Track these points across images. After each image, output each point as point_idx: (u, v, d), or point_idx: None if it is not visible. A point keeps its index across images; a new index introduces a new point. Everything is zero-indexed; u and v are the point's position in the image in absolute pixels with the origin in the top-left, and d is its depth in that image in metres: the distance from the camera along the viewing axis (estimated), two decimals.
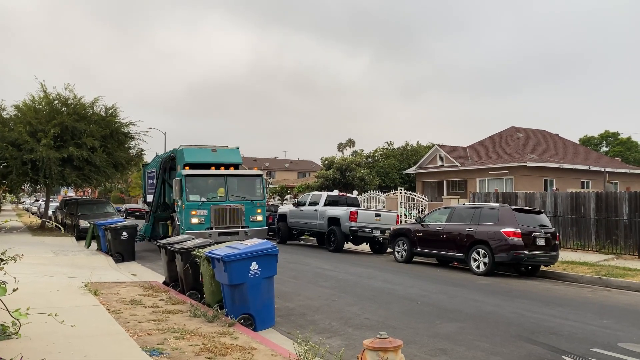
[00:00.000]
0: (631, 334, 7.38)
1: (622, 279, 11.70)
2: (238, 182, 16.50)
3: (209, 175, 16.16)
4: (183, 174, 15.65)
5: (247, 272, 7.03)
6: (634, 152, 58.91)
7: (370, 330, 7.14)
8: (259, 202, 16.41)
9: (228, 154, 17.32)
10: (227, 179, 16.18)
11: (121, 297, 8.68)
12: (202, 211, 15.35)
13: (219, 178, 16.16)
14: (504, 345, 6.67)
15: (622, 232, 15.96)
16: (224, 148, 17.52)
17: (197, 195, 15.64)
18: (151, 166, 21.32)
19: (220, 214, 15.59)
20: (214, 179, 16.20)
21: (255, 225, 16.14)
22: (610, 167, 35.78)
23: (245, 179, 16.83)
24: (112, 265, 13.65)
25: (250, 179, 16.88)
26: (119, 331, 6.40)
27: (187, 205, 15.29)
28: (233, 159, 17.19)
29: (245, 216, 15.95)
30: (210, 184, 16.16)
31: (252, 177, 16.97)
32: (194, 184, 15.80)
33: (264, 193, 16.89)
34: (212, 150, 17.03)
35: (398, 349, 3.66)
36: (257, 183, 16.77)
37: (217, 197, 15.85)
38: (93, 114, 24.17)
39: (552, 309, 9.04)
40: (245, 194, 16.33)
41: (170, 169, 17.88)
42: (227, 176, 16.23)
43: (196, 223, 15.20)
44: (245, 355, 5.52)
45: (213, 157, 16.77)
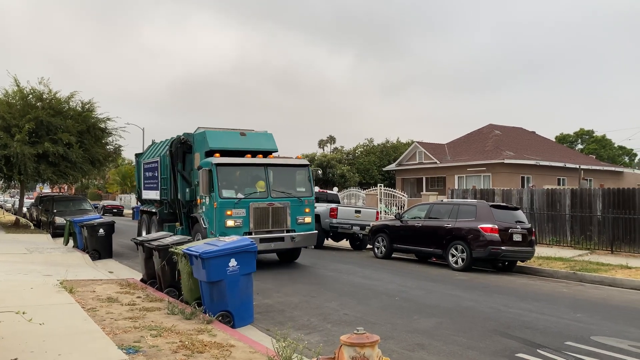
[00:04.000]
0: (603, 327, 7.54)
1: (595, 273, 11.95)
2: (281, 173, 13.33)
3: (246, 164, 12.90)
4: (213, 162, 12.26)
5: (226, 269, 6.99)
6: (608, 150, 60.14)
7: (349, 326, 7.16)
8: (307, 200, 13.13)
9: (260, 139, 14.30)
10: (267, 170, 12.86)
11: (97, 294, 8.56)
12: (239, 211, 12.07)
13: (258, 168, 12.91)
14: (481, 339, 6.76)
15: (596, 227, 16.29)
16: (253, 132, 14.52)
17: (231, 190, 12.45)
18: (149, 155, 17.59)
19: (261, 214, 12.32)
20: (251, 170, 13.05)
21: (303, 228, 12.90)
22: (585, 165, 36.49)
23: (291, 169, 13.60)
24: (89, 262, 13.46)
25: (296, 170, 13.68)
26: (95, 329, 6.31)
27: (220, 204, 11.99)
28: (267, 145, 14.15)
29: (291, 217, 12.71)
30: (246, 176, 13.08)
31: (299, 167, 13.67)
32: (227, 175, 12.55)
33: (312, 188, 13.62)
34: (241, 134, 13.94)
35: (375, 344, 3.67)
36: (304, 175, 13.59)
37: (256, 192, 12.57)
38: (69, 109, 23.72)
39: (528, 303, 9.19)
40: (290, 189, 13.13)
41: (184, 156, 14.54)
42: (268, 166, 12.91)
43: (232, 226, 11.94)
44: (223, 352, 5.49)
45: (242, 143, 13.70)
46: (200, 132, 13.91)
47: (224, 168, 12.42)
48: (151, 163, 16.89)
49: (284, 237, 12.53)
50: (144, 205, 17.98)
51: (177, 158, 14.29)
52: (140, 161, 18.70)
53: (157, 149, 16.68)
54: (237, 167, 12.84)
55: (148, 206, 17.34)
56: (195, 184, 13.37)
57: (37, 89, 23.31)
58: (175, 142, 14.33)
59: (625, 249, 15.34)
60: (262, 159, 13.08)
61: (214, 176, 12.13)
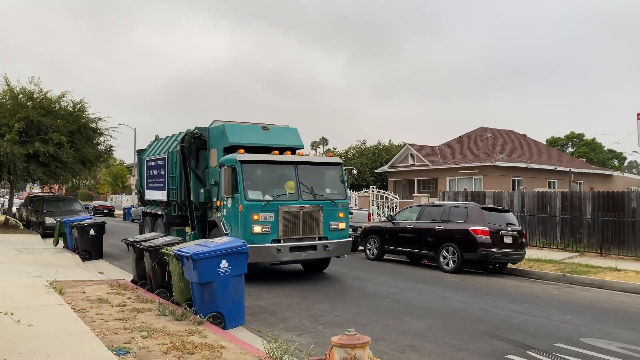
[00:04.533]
0: (593, 329, 7.60)
1: (584, 276, 12.03)
2: (311, 173, 11.73)
3: (275, 161, 11.47)
4: (238, 159, 10.83)
5: (217, 270, 6.97)
6: (598, 153, 60.58)
7: (341, 328, 7.16)
8: (341, 203, 11.59)
9: (284, 134, 12.83)
10: (297, 168, 11.38)
11: (87, 295, 8.50)
12: (266, 215, 10.62)
13: (287, 167, 11.44)
14: (471, 341, 6.79)
15: (586, 230, 16.41)
16: (275, 126, 13.10)
17: (257, 191, 10.96)
18: (154, 151, 16.11)
19: (291, 219, 10.83)
20: (279, 168, 11.58)
21: (337, 235, 11.40)
22: (575, 168, 36.76)
23: (322, 169, 12.23)
24: (79, 263, 13.36)
25: (328, 169, 12.24)
26: (84, 330, 6.27)
27: (246, 207, 10.54)
28: (292, 142, 12.68)
29: (324, 223, 11.20)
30: (272, 176, 11.63)
31: (331, 165, 12.20)
32: (253, 174, 11.11)
33: (346, 190, 12.11)
34: (263, 128, 12.48)
35: (366, 346, 3.68)
36: (336, 175, 12.09)
37: (286, 194, 11.09)
38: (60, 108, 23.55)
39: (518, 305, 9.24)
40: (321, 191, 11.66)
41: (197, 153, 13.04)
42: (298, 164, 11.45)
43: (259, 233, 10.51)
44: (214, 353, 5.48)
45: (265, 138, 12.26)
46: (218, 126, 12.42)
47: (250, 166, 10.99)
48: (156, 160, 15.43)
49: (316, 246, 11.04)
50: (147, 206, 16.63)
51: (190, 155, 12.82)
52: (143, 158, 17.13)
53: (163, 145, 15.35)
54: (264, 165, 11.36)
55: (152, 207, 15.97)
56: (212, 183, 12.15)
57: (27, 89, 23.14)
58: (188, 137, 12.81)
59: (615, 251, 15.47)
60: (291, 156, 11.87)
61: (238, 175, 10.73)
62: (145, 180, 16.59)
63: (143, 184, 16.89)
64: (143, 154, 17.26)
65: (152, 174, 15.90)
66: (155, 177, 15.60)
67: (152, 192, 15.85)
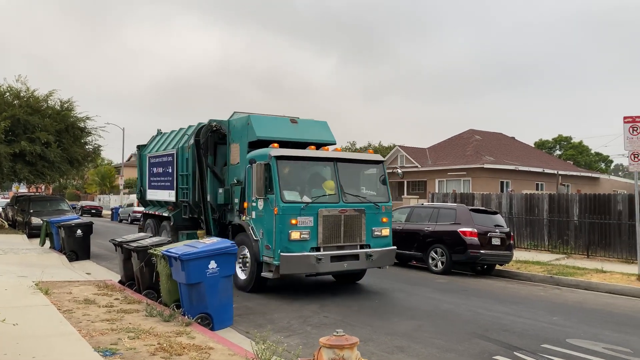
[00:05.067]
0: (579, 330, 7.67)
1: (571, 277, 12.14)
2: (350, 171, 10.47)
3: (314, 158, 10.22)
4: (272, 154, 9.54)
5: (205, 271, 6.94)
6: (585, 156, 61.25)
7: (329, 328, 7.16)
8: (384, 207, 10.33)
9: (315, 128, 11.59)
10: (337, 166, 10.08)
11: (74, 296, 8.42)
12: (305, 219, 9.30)
13: (325, 164, 10.27)
14: (459, 342, 6.82)
15: (573, 232, 16.56)
16: (303, 119, 11.73)
17: (294, 191, 9.71)
18: (158, 147, 14.77)
19: (332, 224, 9.52)
20: (316, 166, 10.39)
21: (380, 243, 10.14)
22: (562, 170, 37.12)
23: (362, 167, 10.88)
24: (66, 263, 13.23)
25: (369, 168, 10.94)
26: (71, 331, 6.21)
27: (283, 209, 9.21)
28: (323, 136, 11.50)
29: (366, 228, 9.93)
30: (308, 174, 10.38)
31: (373, 164, 10.88)
32: (288, 172, 9.82)
33: (389, 191, 10.85)
34: (291, 120, 11.26)
35: (354, 347, 3.68)
36: (378, 174, 10.86)
37: (325, 195, 9.83)
38: (47, 107, 23.36)
39: (506, 306, 9.30)
40: (362, 192, 10.52)
41: (214, 148, 11.86)
42: (338, 161, 10.16)
43: (297, 240, 9.20)
44: (201, 354, 5.45)
45: (295, 132, 11.08)
46: (241, 118, 11.21)
47: (286, 162, 9.72)
48: (162, 157, 14.08)
49: (358, 255, 9.76)
50: (149, 207, 15.34)
51: (207, 150, 11.65)
52: (144, 154, 15.72)
53: (170, 139, 14.08)
54: (301, 162, 10.11)
55: (155, 209, 14.74)
56: (234, 182, 10.93)
57: (14, 87, 22.93)
58: (204, 130, 11.67)
59: (601, 253, 15.62)
60: (331, 152, 10.61)
61: (273, 173, 9.42)
62: (148, 179, 15.30)
63: (144, 183, 15.59)
64: (144, 150, 15.89)
65: (156, 171, 14.60)
66: (160, 175, 14.32)
67: (156, 191, 14.60)
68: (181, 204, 12.86)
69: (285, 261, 9.04)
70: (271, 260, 9.27)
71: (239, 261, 10.15)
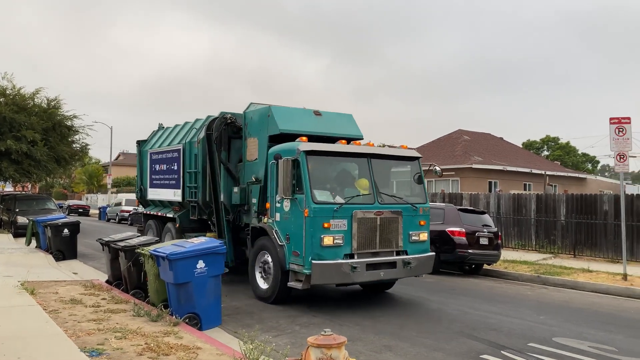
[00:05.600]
0: (565, 329, 7.74)
1: (558, 277, 12.25)
2: (384, 169, 9.54)
3: (346, 153, 9.15)
4: (301, 148, 8.58)
5: (193, 270, 6.91)
6: (572, 157, 61.84)
7: (318, 328, 7.16)
8: (422, 208, 9.35)
9: (341, 121, 10.66)
10: (371, 163, 9.12)
11: (60, 296, 8.34)
12: (339, 222, 8.32)
13: (359, 160, 9.28)
14: (447, 341, 6.86)
15: (560, 232, 16.71)
16: (326, 111, 10.65)
17: (325, 191, 8.77)
18: (161, 142, 13.82)
19: (367, 227, 8.53)
20: (349, 162, 9.50)
21: (418, 249, 9.17)
22: (550, 171, 37.43)
23: (397, 163, 9.97)
24: (52, 263, 13.10)
25: (404, 165, 10.00)
26: (57, 332, 6.15)
27: (314, 211, 8.20)
28: (350, 130, 10.56)
29: (403, 232, 8.96)
30: (339, 171, 9.54)
31: (409, 160, 9.89)
32: (319, 169, 8.88)
33: (426, 191, 9.86)
34: (315, 113, 10.34)
35: (342, 346, 3.69)
36: (414, 172, 9.79)
37: (360, 195, 8.85)
38: (34, 105, 23.14)
39: (493, 306, 9.36)
40: (398, 192, 9.59)
41: (228, 143, 10.89)
42: (372, 157, 9.17)
43: (330, 245, 8.21)
44: (189, 354, 5.42)
45: (319, 125, 10.11)
46: (260, 109, 10.24)
47: (317, 158, 8.73)
48: (166, 153, 13.10)
49: (395, 262, 8.75)
50: (150, 207, 14.36)
51: (221, 145, 10.71)
52: (144, 150, 14.70)
53: (175, 134, 13.18)
54: (333, 157, 9.12)
55: (158, 209, 13.79)
56: (251, 180, 9.95)
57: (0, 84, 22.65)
58: (218, 123, 10.75)
59: (587, 252, 15.78)
60: (364, 147, 9.39)
61: (302, 170, 8.44)
62: (149, 177, 14.21)
63: (145, 181, 14.54)
64: (145, 146, 14.90)
65: (159, 168, 13.56)
66: (163, 172, 13.31)
67: (159, 190, 13.57)
68: (188, 204, 11.91)
69: (317, 270, 7.99)
70: (300, 269, 8.20)
71: (259, 269, 9.28)
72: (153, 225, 13.85)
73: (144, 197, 14.59)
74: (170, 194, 12.82)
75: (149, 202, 14.46)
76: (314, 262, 8.02)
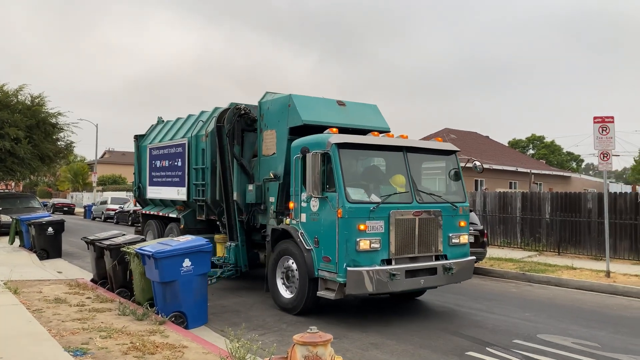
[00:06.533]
0: (549, 325, 7.83)
1: (543, 274, 12.38)
2: (419, 164, 8.64)
3: (382, 146, 8.29)
4: (332, 141, 7.69)
5: (179, 269, 6.88)
6: (557, 155, 62.51)
7: (304, 326, 7.13)
8: (462, 208, 8.49)
9: (366, 112, 9.86)
10: (407, 157, 8.26)
11: (44, 295, 8.26)
12: (375, 224, 7.44)
13: (394, 154, 8.32)
14: (433, 338, 6.90)
15: (545, 230, 16.88)
16: (350, 102, 9.78)
17: (359, 188, 7.87)
18: (162, 137, 13.01)
19: (405, 229, 7.70)
20: (382, 156, 8.70)
21: (458, 253, 8.35)
22: (535, 169, 37.82)
23: (433, 158, 9.00)
24: (36, 262, 12.96)
25: (440, 159, 9.06)
26: (40, 331, 6.08)
27: (349, 211, 7.31)
28: (376, 122, 9.76)
29: (443, 235, 8.13)
30: (372, 167, 8.87)
31: (446, 154, 8.99)
32: (351, 164, 8.15)
33: (464, 189, 8.96)
34: (339, 103, 9.50)
35: (327, 343, 3.69)
36: (451, 167, 8.91)
37: (397, 193, 7.94)
38: (17, 102, 22.82)
39: (479, 303, 9.43)
40: (433, 189, 8.70)
41: (241, 136, 10.03)
42: (408, 150, 8.32)
43: (366, 250, 7.32)
44: (175, 353, 5.40)
45: (343, 116, 9.31)
46: (278, 98, 9.35)
47: (350, 152, 7.91)
48: (169, 148, 12.30)
49: (436, 268, 7.93)
50: (150, 207, 13.57)
51: (234, 139, 9.84)
52: (144, 146, 13.86)
53: (178, 128, 12.47)
54: (367, 151, 8.39)
55: (158, 209, 13.00)
56: (269, 177, 9.15)
57: None
58: (230, 114, 9.94)
59: (571, 250, 15.96)
60: (399, 139, 8.51)
61: (335, 165, 7.56)
62: (148, 174, 13.37)
63: (144, 179, 13.71)
64: (143, 141, 14.09)
65: (160, 165, 12.72)
66: (165, 169, 12.46)
67: (160, 188, 12.74)
68: (194, 203, 11.15)
69: (353, 278, 7.13)
70: (333, 277, 7.36)
71: (280, 275, 8.46)
72: (154, 226, 12.99)
73: (143, 195, 13.78)
74: (174, 192, 12.06)
75: (148, 201, 13.67)
76: (350, 269, 7.17)
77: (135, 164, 14.43)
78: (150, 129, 14.25)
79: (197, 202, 11.06)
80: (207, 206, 10.81)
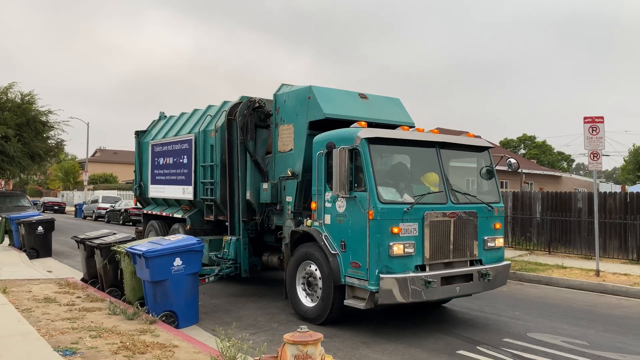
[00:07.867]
0: (539, 324, 7.88)
1: (533, 273, 12.46)
2: (451, 161, 8.09)
3: (415, 141, 7.58)
4: (362, 135, 7.07)
5: (170, 268, 6.86)
6: (548, 155, 62.93)
7: (296, 325, 7.10)
8: (497, 209, 7.95)
9: (389, 106, 9.31)
10: (440, 154, 7.67)
11: (33, 294, 8.20)
12: (408, 226, 6.85)
13: (426, 151, 7.66)
14: (424, 337, 6.92)
15: (535, 229, 16.98)
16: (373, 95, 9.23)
17: (390, 187, 7.25)
18: (165, 132, 12.39)
19: (441, 232, 7.10)
20: (415, 153, 7.81)
21: (493, 257, 7.85)
22: (526, 169, 38.01)
23: (469, 155, 8.49)
24: (26, 261, 12.86)
25: (472, 156, 8.52)
26: (29, 331, 6.04)
27: (381, 212, 6.70)
28: (400, 117, 9.20)
29: (479, 238, 7.56)
30: (403, 164, 8.07)
31: (479, 151, 8.45)
32: (382, 162, 7.64)
33: (498, 188, 8.39)
34: (360, 95, 8.92)
35: (318, 342, 3.69)
36: (483, 165, 8.35)
37: (431, 193, 7.32)
38: (7, 100, 22.65)
39: (469, 302, 9.46)
40: (469, 190, 8.16)
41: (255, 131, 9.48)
42: (441, 146, 7.75)
43: (400, 255, 6.73)
44: (165, 353, 5.38)
45: (367, 110, 8.72)
46: (297, 90, 8.70)
47: (381, 148, 7.32)
48: (173, 144, 11.67)
49: (472, 274, 7.34)
50: (152, 206, 12.87)
51: (247, 134, 9.28)
52: (145, 142, 13.16)
53: (182, 123, 11.86)
54: (400, 146, 7.67)
55: (161, 208, 12.29)
56: (286, 175, 8.53)
57: None
58: (243, 107, 9.39)
59: (562, 249, 16.07)
60: (432, 134, 7.98)
61: (364, 161, 6.97)
62: (150, 172, 12.67)
63: (145, 177, 13.01)
64: (145, 137, 13.36)
65: (164, 162, 12.07)
66: (169, 166, 11.82)
67: (164, 187, 12.06)
68: (202, 202, 10.48)
69: (387, 286, 6.54)
70: (363, 284, 6.75)
71: (301, 281, 7.81)
72: (156, 227, 12.33)
73: (144, 194, 13.10)
74: (179, 191, 11.36)
75: (150, 200, 12.93)
76: (383, 276, 6.54)
77: (136, 161, 13.68)
78: (152, 125, 13.58)
79: (205, 201, 10.39)
80: (216, 206, 10.15)
